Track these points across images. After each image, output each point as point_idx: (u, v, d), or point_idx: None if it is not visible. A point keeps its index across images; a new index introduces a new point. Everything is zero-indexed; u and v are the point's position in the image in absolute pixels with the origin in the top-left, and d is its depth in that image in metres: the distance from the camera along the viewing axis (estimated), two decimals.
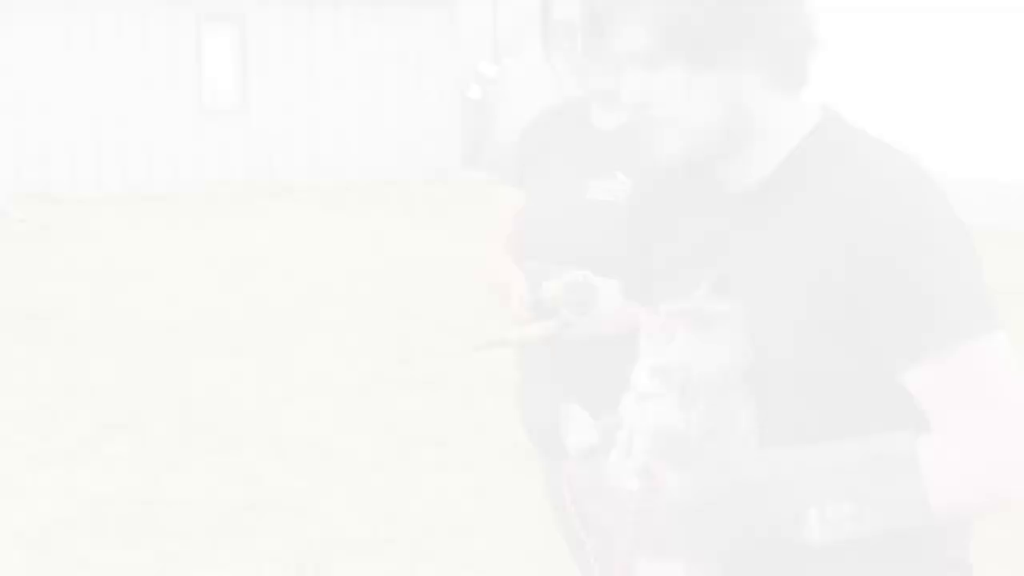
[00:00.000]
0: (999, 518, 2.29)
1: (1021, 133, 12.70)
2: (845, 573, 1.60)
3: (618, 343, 2.39)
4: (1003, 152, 12.83)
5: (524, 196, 2.83)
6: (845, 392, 1.62)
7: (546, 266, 2.56)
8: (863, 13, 12.91)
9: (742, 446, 1.61)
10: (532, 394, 2.81)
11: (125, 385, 7.02)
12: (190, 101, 16.03)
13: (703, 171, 1.74)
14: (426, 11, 17.38)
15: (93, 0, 15.39)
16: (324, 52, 16.75)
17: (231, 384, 7.09)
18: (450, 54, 17.64)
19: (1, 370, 7.28)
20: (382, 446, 6.04)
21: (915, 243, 1.56)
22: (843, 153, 1.65)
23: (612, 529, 1.64)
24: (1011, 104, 12.84)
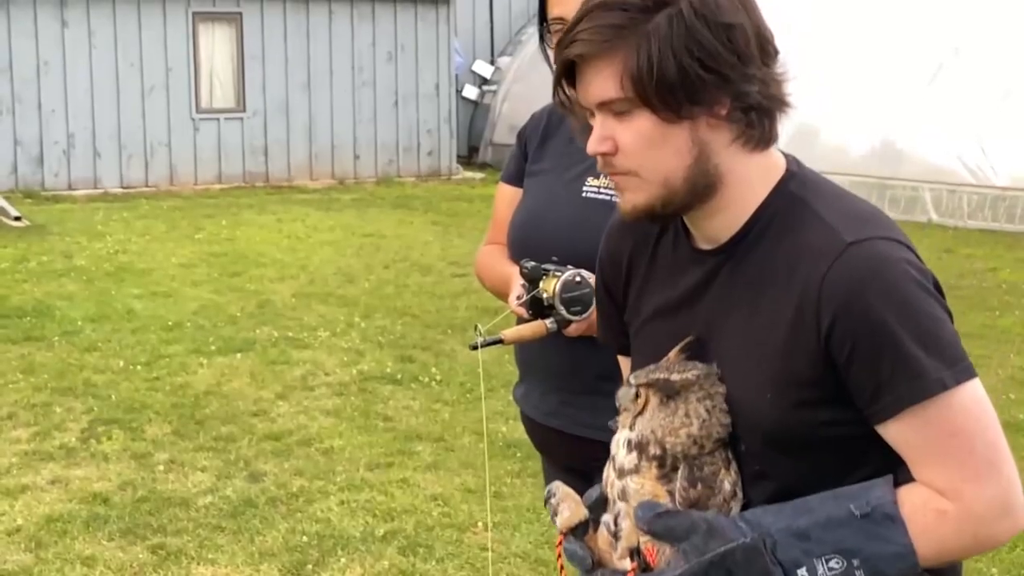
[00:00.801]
0: None
1: None
2: None
3: None
4: None
5: (521, 194, 2.83)
6: (824, 446, 1.62)
7: (542, 264, 2.55)
8: None
9: (726, 512, 1.62)
10: (529, 392, 2.82)
11: (122, 382, 7.03)
12: (187, 99, 16.01)
13: (668, 224, 1.75)
14: (422, 9, 17.38)
15: None
16: (320, 50, 16.74)
17: (228, 381, 7.10)
18: (446, 53, 17.63)
19: None
20: (380, 444, 6.05)
21: (883, 298, 1.56)
22: (808, 209, 1.65)
23: None
24: None
